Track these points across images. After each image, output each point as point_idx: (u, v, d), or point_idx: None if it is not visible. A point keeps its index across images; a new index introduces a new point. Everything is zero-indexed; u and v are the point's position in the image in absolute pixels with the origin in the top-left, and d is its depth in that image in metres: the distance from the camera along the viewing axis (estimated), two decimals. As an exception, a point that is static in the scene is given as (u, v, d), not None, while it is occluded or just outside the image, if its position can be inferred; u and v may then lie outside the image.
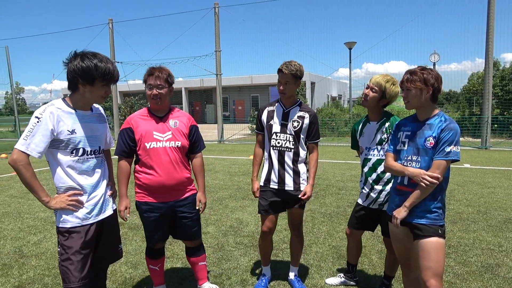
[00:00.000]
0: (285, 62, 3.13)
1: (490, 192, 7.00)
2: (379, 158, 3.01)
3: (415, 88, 2.42)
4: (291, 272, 3.51)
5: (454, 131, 2.35)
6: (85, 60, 2.14)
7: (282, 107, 3.27)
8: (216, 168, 10.20)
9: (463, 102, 21.89)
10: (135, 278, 3.66)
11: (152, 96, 2.89)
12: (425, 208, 2.42)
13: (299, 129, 3.19)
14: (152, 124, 2.92)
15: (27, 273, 3.80)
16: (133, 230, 5.08)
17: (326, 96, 33.28)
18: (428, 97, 2.43)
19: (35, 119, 2.13)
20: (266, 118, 3.30)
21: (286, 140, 3.20)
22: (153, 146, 2.88)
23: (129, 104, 25.78)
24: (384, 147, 3.00)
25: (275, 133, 3.23)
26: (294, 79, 3.13)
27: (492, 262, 3.90)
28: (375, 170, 3.05)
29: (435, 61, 20.47)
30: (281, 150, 3.21)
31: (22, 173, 2.11)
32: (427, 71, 2.43)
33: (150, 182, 2.91)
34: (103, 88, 2.24)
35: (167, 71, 2.94)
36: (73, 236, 2.24)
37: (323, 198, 6.71)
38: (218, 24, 18.52)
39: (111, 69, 2.20)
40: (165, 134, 2.93)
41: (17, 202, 6.74)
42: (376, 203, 3.08)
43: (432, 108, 2.48)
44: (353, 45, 21.41)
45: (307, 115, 3.21)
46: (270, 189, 3.28)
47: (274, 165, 3.25)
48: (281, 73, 3.12)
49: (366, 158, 3.11)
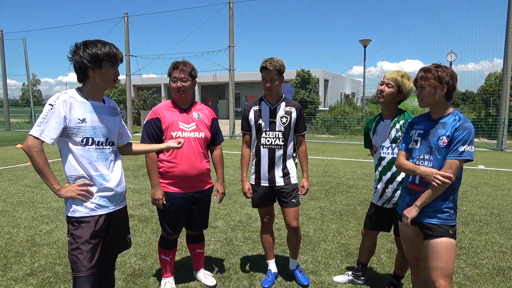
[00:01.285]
0: (267, 59, 3.16)
1: (504, 194, 6.87)
2: (394, 156, 2.96)
3: (430, 86, 2.38)
4: (291, 264, 3.59)
5: (468, 131, 2.30)
6: (89, 46, 2.21)
7: (268, 104, 3.30)
8: (227, 163, 10.22)
9: (479, 103, 21.49)
10: (143, 270, 3.70)
11: (176, 89, 3.02)
12: (436, 208, 2.38)
13: (288, 124, 3.25)
14: (177, 115, 3.05)
15: (38, 261, 3.88)
16: (143, 222, 5.14)
17: (339, 93, 33.02)
18: (443, 95, 2.38)
19: (48, 106, 2.18)
20: (253, 118, 3.32)
21: (276, 138, 3.25)
22: (179, 135, 3.00)
23: (142, 98, 25.99)
24: (398, 145, 2.93)
25: (264, 132, 3.27)
26: (279, 74, 3.19)
27: (504, 265, 3.83)
28: (390, 169, 2.99)
29: (451, 61, 20.10)
30: (271, 147, 3.26)
31: (36, 159, 2.15)
32: (441, 68, 2.38)
33: (174, 171, 3.02)
34: (111, 70, 2.28)
35: (191, 65, 3.07)
36: (83, 226, 2.26)
37: (333, 195, 6.67)
38: (232, 19, 18.50)
39: (114, 50, 2.27)
40: (189, 125, 3.06)
41: (31, 192, 6.87)
42: (391, 203, 3.02)
43: (446, 107, 2.43)
44: (368, 43, 21.16)
45: (293, 109, 3.28)
46: (261, 186, 3.34)
47: (264, 163, 3.29)
48: (266, 70, 3.15)
49: (381, 156, 3.06)
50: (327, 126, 20.19)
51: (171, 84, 3.04)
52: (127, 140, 2.62)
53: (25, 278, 3.51)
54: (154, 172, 3.01)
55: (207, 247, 4.23)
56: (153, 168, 3.00)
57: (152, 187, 3.03)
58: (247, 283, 3.45)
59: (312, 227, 5.01)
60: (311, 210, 5.73)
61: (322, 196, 6.67)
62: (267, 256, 3.56)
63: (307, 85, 23.69)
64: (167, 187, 3.05)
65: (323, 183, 7.72)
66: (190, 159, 3.02)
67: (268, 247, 3.52)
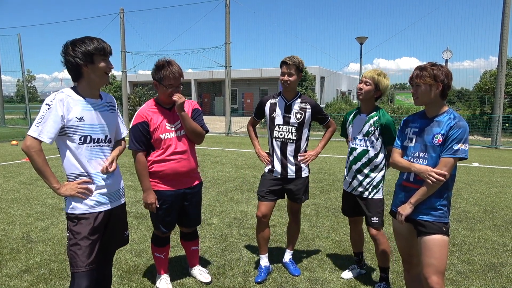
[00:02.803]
0: (288, 56, 3.30)
1: (497, 191, 6.94)
2: (364, 148, 3.18)
3: (425, 84, 2.39)
4: (286, 255, 3.71)
5: (463, 129, 2.32)
6: (78, 45, 2.23)
7: (284, 100, 3.40)
8: (223, 160, 10.24)
9: (474, 101, 21.62)
10: (139, 266, 3.72)
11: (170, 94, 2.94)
12: (430, 205, 2.41)
13: (302, 120, 3.36)
14: (162, 116, 3.02)
15: (34, 258, 3.88)
16: (138, 219, 5.14)
17: (335, 91, 33.09)
18: (438, 93, 2.41)
19: (45, 106, 2.20)
20: (268, 111, 3.44)
21: (289, 132, 3.35)
22: (167, 136, 3.00)
23: (138, 95, 25.89)
24: (370, 139, 3.15)
25: (277, 125, 3.38)
26: (297, 70, 3.29)
27: (496, 262, 3.88)
28: (360, 160, 3.20)
29: (447, 58, 20.17)
30: (284, 141, 3.37)
31: (35, 159, 2.17)
32: (437, 67, 2.41)
33: (164, 170, 3.01)
34: (104, 63, 2.29)
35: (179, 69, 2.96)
36: (82, 222, 2.28)
37: (328, 193, 6.70)
38: (229, 16, 18.45)
39: (101, 43, 2.28)
40: (175, 124, 3.05)
41: (26, 189, 6.86)
42: (357, 191, 3.26)
43: (441, 105, 2.45)
44: (364, 40, 21.18)
45: (308, 106, 3.39)
46: (273, 177, 3.43)
47: (277, 155, 3.40)
48: (286, 64, 3.27)
49: (353, 147, 3.27)
50: (323, 123, 20.20)
51: (164, 89, 2.93)
52: (120, 136, 2.62)
53: (20, 274, 3.52)
54: (145, 176, 2.98)
55: (203, 244, 4.25)
56: (144, 172, 2.98)
57: (143, 192, 3.01)
58: (242, 279, 3.47)
59: (307, 224, 5.04)
60: (306, 207, 5.76)
61: (317, 193, 6.70)
62: (260, 251, 3.61)
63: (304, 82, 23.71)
64: (158, 186, 3.04)
65: (319, 180, 7.75)
66: (179, 157, 3.03)
67: (262, 242, 3.56)
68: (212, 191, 6.71)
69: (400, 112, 19.39)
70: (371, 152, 3.16)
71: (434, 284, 2.33)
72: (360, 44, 21.21)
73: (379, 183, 3.19)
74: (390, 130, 3.11)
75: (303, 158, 3.42)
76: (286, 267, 3.66)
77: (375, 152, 3.16)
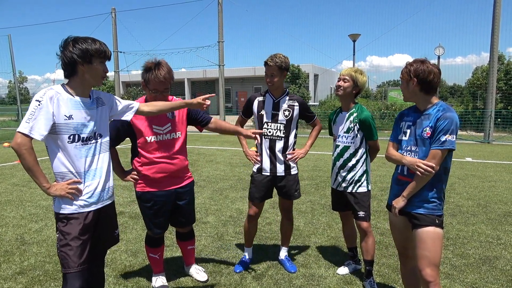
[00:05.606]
0: (271, 55, 3.29)
1: (490, 186, 7.00)
2: (346, 145, 3.27)
3: (402, 80, 2.52)
4: (282, 252, 3.74)
5: (449, 120, 2.33)
6: (79, 42, 2.20)
7: (272, 97, 3.42)
8: (218, 159, 10.22)
9: (467, 96, 21.77)
10: (134, 266, 3.70)
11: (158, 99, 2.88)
12: (423, 198, 2.43)
13: (290, 117, 3.38)
14: (150, 118, 2.90)
15: (28, 259, 3.85)
16: (133, 219, 5.12)
17: (329, 88, 33.15)
18: (416, 89, 2.45)
19: (35, 102, 2.14)
20: (256, 108, 3.45)
21: (277, 129, 3.38)
22: (154, 139, 2.92)
23: (131, 95, 25.77)
24: (350, 135, 3.24)
25: (266, 123, 3.40)
26: (280, 71, 3.28)
27: (490, 255, 3.91)
28: (342, 156, 3.29)
29: (439, 54, 20.26)
30: (272, 138, 3.39)
31: (25, 157, 2.12)
32: (417, 63, 2.45)
33: (153, 173, 2.96)
34: (101, 66, 2.27)
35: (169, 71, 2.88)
36: (72, 222, 2.25)
37: (323, 190, 6.72)
38: (221, 14, 18.42)
39: (103, 47, 2.28)
40: (164, 127, 2.95)
41: (19, 190, 6.80)
42: (341, 186, 3.34)
43: (427, 99, 2.48)
44: (357, 37, 21.22)
45: (296, 103, 3.42)
46: (263, 178, 3.45)
47: (265, 153, 3.42)
48: (267, 65, 3.28)
49: (336, 144, 3.36)
50: (317, 121, 20.25)
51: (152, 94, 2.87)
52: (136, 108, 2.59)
53: (15, 276, 3.49)
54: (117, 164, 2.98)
55: (198, 242, 4.24)
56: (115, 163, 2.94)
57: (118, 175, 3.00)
58: (238, 277, 3.47)
59: (302, 220, 5.05)
60: (302, 204, 5.77)
61: (312, 190, 6.71)
62: (246, 244, 3.73)
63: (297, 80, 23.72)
64: (147, 187, 2.99)
65: (314, 177, 7.76)
66: (168, 159, 2.97)
67: (249, 237, 3.70)
68: (207, 190, 6.70)
69: (394, 109, 19.49)
70: (352, 147, 3.25)
71: (428, 276, 2.35)
72: (353, 42, 21.26)
73: (361, 176, 3.26)
74: (369, 125, 3.20)
75: (292, 156, 3.43)
76: (282, 264, 3.67)
77: (356, 147, 3.24)
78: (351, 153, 3.24)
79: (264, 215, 5.24)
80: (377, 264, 3.69)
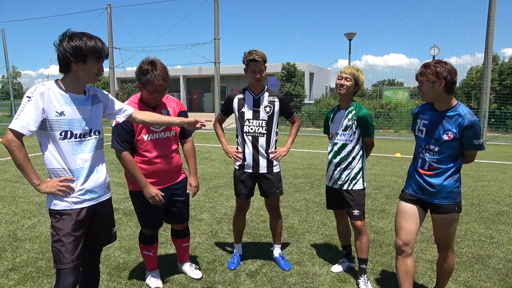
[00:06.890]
0: (251, 52, 3.22)
1: (484, 185, 7.05)
2: (344, 143, 3.27)
3: (427, 81, 2.53)
4: (275, 250, 3.75)
5: (477, 127, 2.51)
6: (74, 39, 2.14)
7: (252, 94, 3.42)
8: (213, 156, 10.21)
9: (461, 96, 21.88)
10: (128, 263, 3.68)
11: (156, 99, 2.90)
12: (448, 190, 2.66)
13: (272, 113, 3.38)
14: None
15: (20, 256, 3.82)
16: (127, 215, 5.10)
17: (324, 87, 33.19)
18: (442, 90, 2.52)
19: (26, 98, 2.12)
20: (237, 106, 3.43)
21: (259, 126, 3.38)
22: (150, 138, 2.93)
23: (127, 91, 25.63)
24: (348, 132, 3.24)
25: (247, 120, 3.39)
26: (265, 65, 3.30)
27: (483, 253, 3.94)
28: (339, 154, 3.29)
29: (434, 55, 20.37)
30: (255, 135, 3.39)
31: (15, 153, 2.10)
32: (440, 64, 2.53)
33: (147, 171, 2.95)
34: (95, 65, 2.23)
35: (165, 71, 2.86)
36: (64, 218, 2.23)
37: (318, 188, 6.73)
38: (217, 11, 18.36)
39: (100, 45, 2.21)
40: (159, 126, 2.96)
41: (12, 186, 6.74)
42: (337, 184, 3.34)
43: (449, 100, 2.58)
44: (353, 36, 21.27)
45: (276, 99, 3.42)
46: (245, 174, 3.46)
47: (248, 150, 3.41)
48: (255, 62, 3.22)
49: (334, 142, 3.35)
50: (312, 119, 20.31)
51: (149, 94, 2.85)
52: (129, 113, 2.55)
53: (7, 273, 3.46)
54: (138, 172, 2.84)
55: (193, 240, 4.23)
56: (136, 169, 2.84)
57: (143, 188, 2.86)
58: (232, 275, 3.47)
59: (297, 218, 5.06)
60: (296, 202, 5.78)
61: (307, 188, 6.72)
62: (235, 240, 3.76)
63: (293, 78, 23.71)
64: None
65: (308, 175, 7.78)
66: (164, 157, 2.97)
67: (238, 233, 3.73)
68: (202, 187, 6.68)
69: (389, 108, 19.57)
70: (349, 145, 3.26)
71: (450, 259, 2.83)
72: (349, 40, 21.31)
73: (357, 174, 3.27)
74: (367, 122, 3.22)
75: (275, 155, 3.43)
76: (276, 262, 3.67)
77: (353, 145, 3.26)
78: (348, 151, 3.25)
79: (259, 213, 5.24)
80: (371, 262, 3.70)
